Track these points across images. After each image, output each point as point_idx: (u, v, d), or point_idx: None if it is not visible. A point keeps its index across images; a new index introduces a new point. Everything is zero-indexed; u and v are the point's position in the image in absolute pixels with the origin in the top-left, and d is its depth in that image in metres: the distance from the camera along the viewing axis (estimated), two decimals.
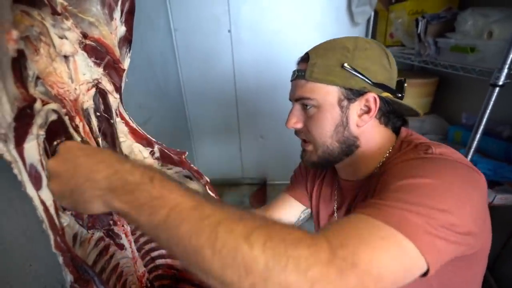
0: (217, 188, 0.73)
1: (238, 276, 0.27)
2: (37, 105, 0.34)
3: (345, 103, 0.51)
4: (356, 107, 0.51)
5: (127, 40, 0.55)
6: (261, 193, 1.95)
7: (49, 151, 0.37)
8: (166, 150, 0.65)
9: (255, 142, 1.94)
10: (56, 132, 0.39)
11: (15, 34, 0.30)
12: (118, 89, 0.56)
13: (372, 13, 1.51)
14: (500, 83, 0.74)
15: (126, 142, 0.60)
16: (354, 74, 0.49)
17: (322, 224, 0.70)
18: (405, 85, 0.54)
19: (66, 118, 0.42)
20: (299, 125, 0.56)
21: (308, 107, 0.53)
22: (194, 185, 0.73)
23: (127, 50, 0.56)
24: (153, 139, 0.63)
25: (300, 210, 0.78)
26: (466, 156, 0.85)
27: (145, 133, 0.62)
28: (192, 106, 1.85)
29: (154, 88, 1.37)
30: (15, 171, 0.33)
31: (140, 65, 1.21)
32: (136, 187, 0.31)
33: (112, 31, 0.52)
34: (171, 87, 1.64)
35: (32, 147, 0.34)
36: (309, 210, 0.77)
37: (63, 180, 0.34)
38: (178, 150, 0.67)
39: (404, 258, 0.31)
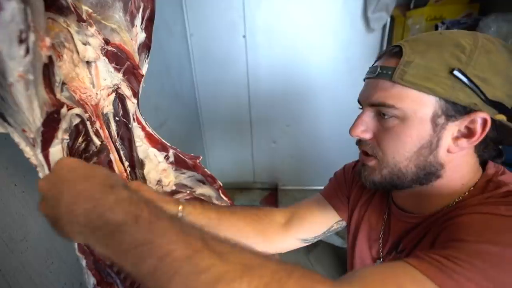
0: (228, 192, 0.73)
1: None
2: (63, 110, 0.35)
3: (441, 120, 0.38)
4: (455, 127, 0.39)
5: (146, 46, 0.56)
6: (272, 198, 1.94)
7: (71, 155, 0.38)
8: (180, 155, 0.65)
9: (267, 147, 1.94)
10: (78, 136, 0.41)
11: (48, 41, 0.31)
12: (136, 94, 0.57)
13: (388, 19, 1.49)
14: None
15: (142, 146, 0.61)
16: (466, 85, 0.36)
17: (357, 248, 0.58)
18: None
19: (88, 123, 0.43)
20: (368, 136, 0.43)
21: (386, 116, 0.40)
22: (207, 189, 0.73)
23: (146, 56, 0.57)
24: (168, 144, 0.64)
25: (334, 220, 0.65)
26: None
27: (160, 138, 0.63)
28: (205, 110, 1.87)
29: (169, 92, 1.40)
30: (40, 175, 0.34)
31: (156, 69, 1.23)
32: (117, 229, 0.26)
33: (132, 38, 0.53)
34: (186, 91, 1.67)
35: (57, 151, 0.35)
36: (344, 223, 0.65)
37: (48, 205, 0.30)
38: (192, 155, 0.68)
39: None
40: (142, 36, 0.55)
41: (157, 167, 0.62)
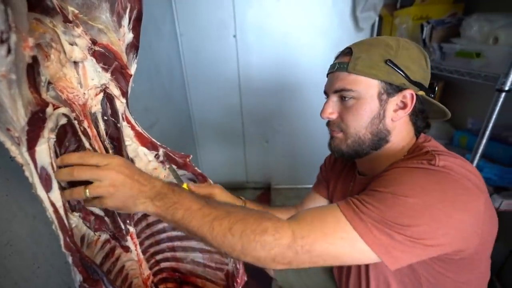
0: None
1: (228, 251, 0.43)
2: (49, 109, 0.35)
3: (384, 96, 0.52)
4: (394, 102, 0.53)
5: (134, 47, 0.56)
6: (265, 197, 1.95)
7: (59, 154, 0.38)
8: (170, 154, 0.65)
9: (259, 147, 1.94)
10: (66, 135, 0.41)
11: (31, 41, 0.31)
12: (124, 94, 0.57)
13: (377, 19, 1.52)
14: (506, 88, 0.73)
15: (132, 145, 0.61)
16: (396, 70, 0.51)
17: None
18: (437, 88, 0.57)
19: (75, 122, 0.43)
20: (335, 116, 0.57)
21: (346, 98, 0.54)
22: None
23: (134, 56, 0.57)
24: (158, 143, 0.64)
25: (324, 203, 0.80)
26: (471, 161, 0.84)
27: (150, 136, 0.63)
28: (197, 110, 1.86)
29: (160, 93, 1.39)
30: (27, 173, 0.34)
31: (146, 69, 1.23)
32: (165, 196, 0.45)
33: (120, 38, 0.53)
34: (177, 92, 1.66)
35: (43, 150, 0.35)
36: None
37: (126, 182, 0.44)
38: (183, 153, 0.68)
39: (355, 254, 0.41)
40: (129, 36, 0.55)
41: (148, 166, 0.62)
